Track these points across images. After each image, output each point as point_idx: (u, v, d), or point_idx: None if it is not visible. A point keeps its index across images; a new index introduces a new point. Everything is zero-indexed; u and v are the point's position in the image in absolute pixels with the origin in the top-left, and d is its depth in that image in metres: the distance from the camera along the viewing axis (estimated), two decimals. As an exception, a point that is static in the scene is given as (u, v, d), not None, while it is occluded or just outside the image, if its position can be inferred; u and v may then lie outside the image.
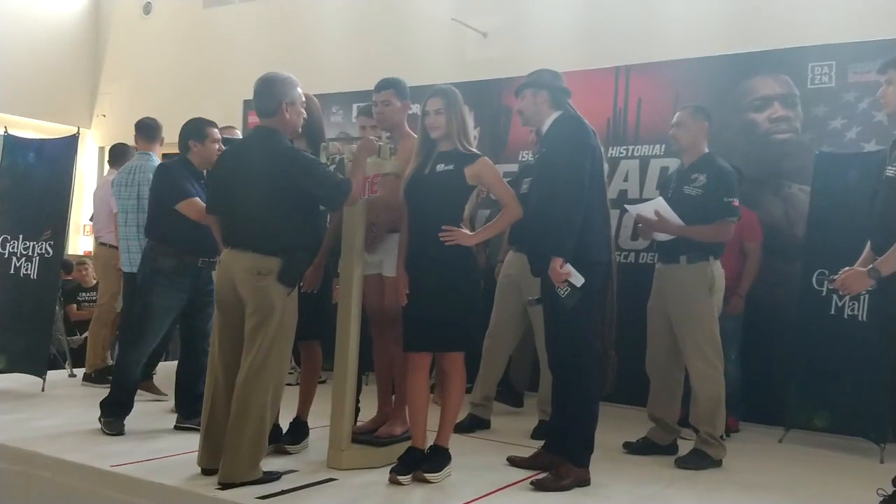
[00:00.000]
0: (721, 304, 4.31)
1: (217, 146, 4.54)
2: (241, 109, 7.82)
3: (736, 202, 4.23)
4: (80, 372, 6.18)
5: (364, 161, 3.78)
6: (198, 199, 4.37)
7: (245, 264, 3.56)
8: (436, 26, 8.20)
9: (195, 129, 4.57)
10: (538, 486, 3.63)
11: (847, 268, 3.42)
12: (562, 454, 3.77)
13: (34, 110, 10.42)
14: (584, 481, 3.69)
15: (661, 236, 4.28)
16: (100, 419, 4.42)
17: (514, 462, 4.03)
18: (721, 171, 4.27)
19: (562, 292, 3.60)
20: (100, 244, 6.20)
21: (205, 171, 4.58)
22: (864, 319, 4.60)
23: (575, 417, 3.74)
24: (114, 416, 4.41)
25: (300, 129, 3.88)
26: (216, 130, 4.64)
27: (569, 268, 3.56)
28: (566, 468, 3.68)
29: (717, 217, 4.20)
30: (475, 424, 4.85)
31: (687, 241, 4.20)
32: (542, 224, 3.68)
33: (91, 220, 6.76)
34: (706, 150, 4.34)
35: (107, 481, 3.72)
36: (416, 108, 4.17)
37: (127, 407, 4.50)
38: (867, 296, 3.92)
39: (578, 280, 3.57)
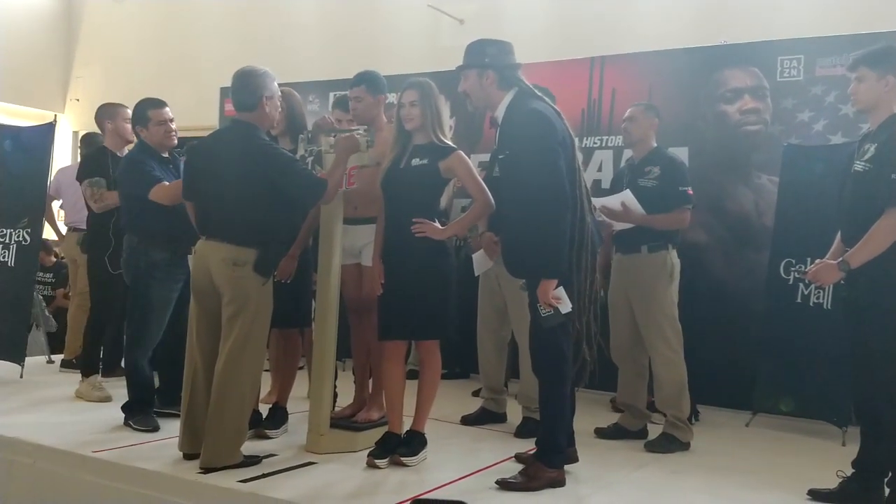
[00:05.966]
0: (677, 292, 4.41)
1: (164, 128, 4.42)
2: (218, 97, 7.78)
3: (690, 191, 4.40)
4: (58, 358, 6.17)
5: (345, 160, 3.81)
6: (166, 182, 4.28)
7: (221, 255, 3.61)
8: (412, 13, 8.20)
9: (138, 115, 4.46)
10: (503, 485, 3.46)
11: (819, 260, 3.50)
12: (536, 455, 3.60)
13: (7, 94, 10.30)
14: (556, 482, 3.50)
15: (621, 226, 4.40)
16: (127, 423, 4.32)
17: (520, 459, 3.86)
18: (674, 163, 4.45)
19: (543, 312, 3.38)
20: (75, 230, 6.04)
21: (167, 153, 4.49)
22: (829, 307, 4.71)
23: (543, 419, 3.62)
24: (141, 413, 4.32)
25: (276, 124, 3.93)
26: (163, 111, 4.45)
27: (560, 293, 3.35)
28: (536, 468, 3.51)
29: (674, 206, 4.35)
30: (485, 417, 4.71)
31: (647, 230, 4.33)
32: (524, 239, 3.44)
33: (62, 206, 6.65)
34: (654, 144, 4.50)
35: (89, 467, 3.75)
36: (393, 98, 4.23)
37: (150, 403, 4.40)
38: (833, 285, 4.03)
39: (566, 307, 3.37)
